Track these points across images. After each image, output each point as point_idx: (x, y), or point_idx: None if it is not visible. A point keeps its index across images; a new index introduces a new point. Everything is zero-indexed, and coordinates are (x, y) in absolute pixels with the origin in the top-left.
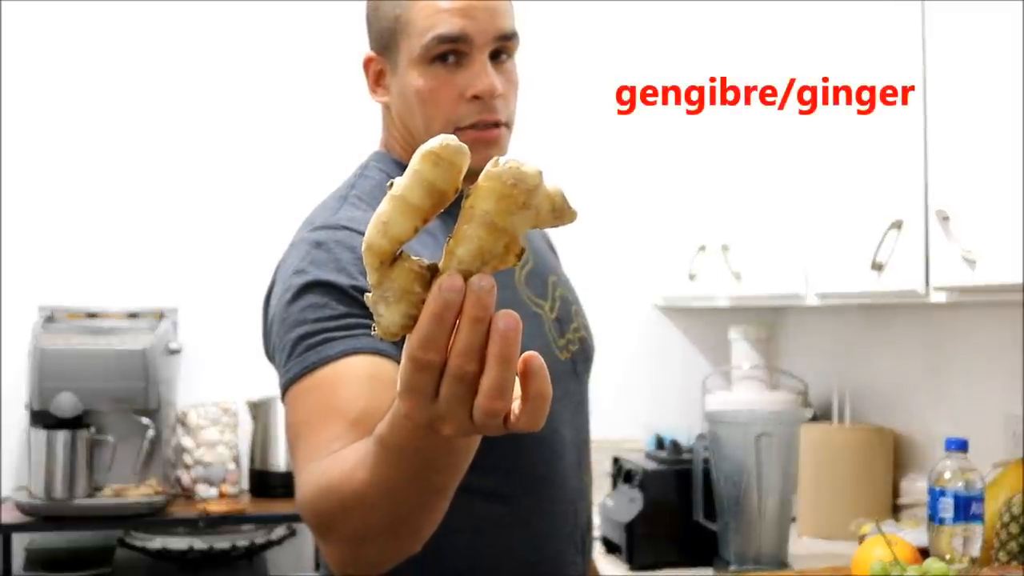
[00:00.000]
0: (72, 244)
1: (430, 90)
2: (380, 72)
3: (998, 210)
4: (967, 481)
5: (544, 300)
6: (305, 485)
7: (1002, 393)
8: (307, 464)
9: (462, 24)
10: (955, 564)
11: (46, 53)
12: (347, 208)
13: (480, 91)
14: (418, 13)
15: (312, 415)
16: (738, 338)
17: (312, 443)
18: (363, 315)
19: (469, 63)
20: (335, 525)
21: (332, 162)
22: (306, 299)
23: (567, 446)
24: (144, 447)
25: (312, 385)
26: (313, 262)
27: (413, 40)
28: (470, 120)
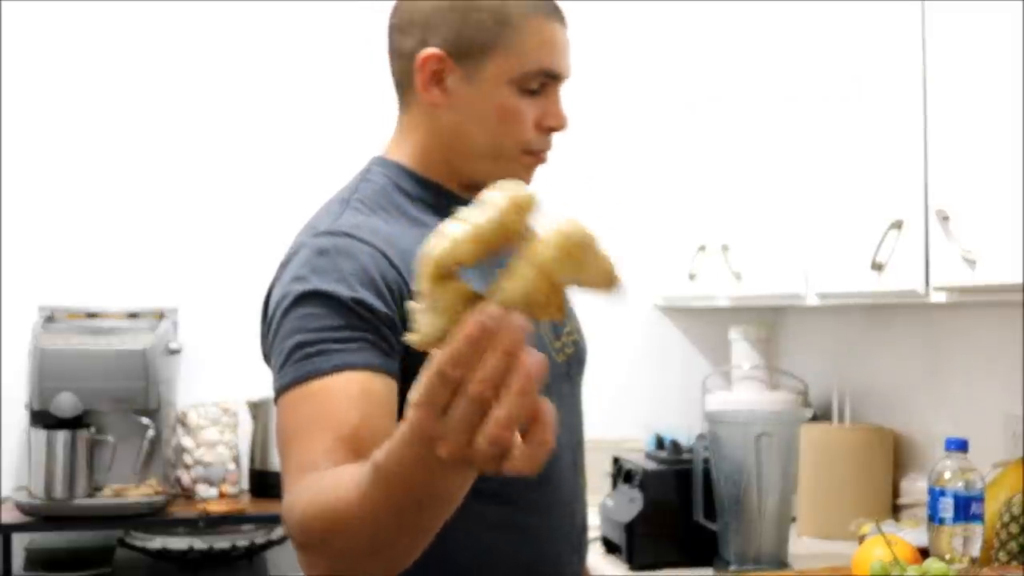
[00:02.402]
0: (72, 244)
1: (515, 111)
2: (442, 73)
3: (998, 210)
4: (967, 481)
5: None
6: (294, 498)
7: (1002, 393)
8: (297, 476)
9: (563, 63)
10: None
11: (46, 53)
12: (349, 213)
13: (558, 125)
14: (526, 38)
15: (303, 426)
16: (738, 338)
17: (302, 456)
18: (361, 328)
19: (547, 95)
20: (321, 543)
21: (331, 163)
22: (305, 307)
23: (563, 448)
24: (144, 447)
25: (305, 395)
26: (315, 270)
27: (513, 60)
28: (538, 147)
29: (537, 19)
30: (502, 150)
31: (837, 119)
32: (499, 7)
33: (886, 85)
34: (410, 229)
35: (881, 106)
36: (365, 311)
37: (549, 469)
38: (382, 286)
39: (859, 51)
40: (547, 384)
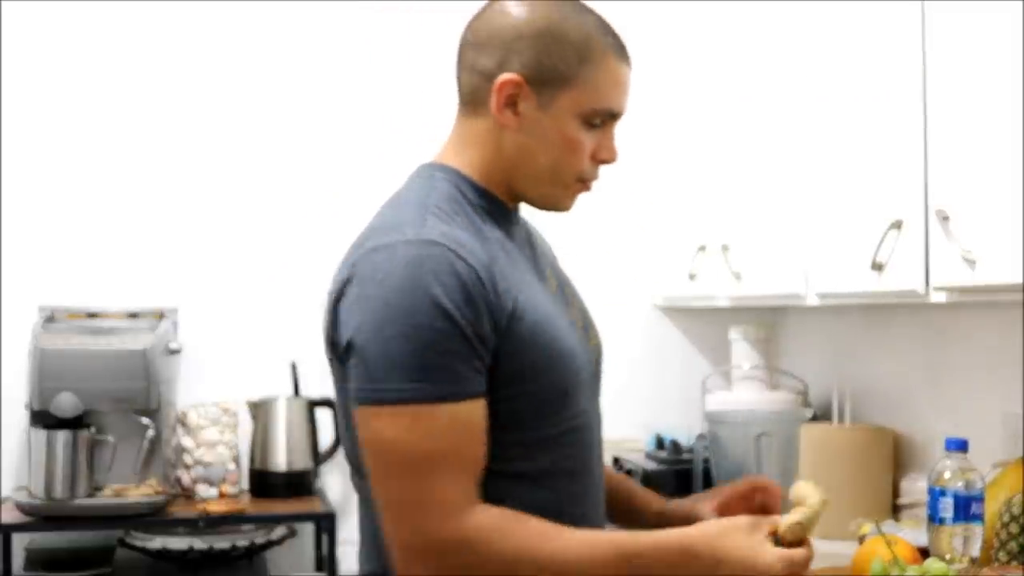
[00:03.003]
0: (72, 244)
1: (577, 143)
2: (516, 97)
3: (998, 210)
4: (967, 481)
5: (571, 309)
6: (486, 529)
7: (1002, 393)
8: (465, 504)
9: (624, 103)
10: (955, 564)
11: (46, 53)
12: (433, 220)
13: (609, 159)
14: (601, 77)
15: (437, 455)
16: (738, 338)
17: (459, 484)
18: (473, 352)
19: (605, 130)
20: (503, 566)
21: (331, 163)
22: (417, 322)
23: (597, 442)
24: (144, 447)
25: (430, 417)
26: (419, 282)
27: (585, 96)
28: (590, 176)
29: (613, 60)
30: (559, 176)
31: (837, 119)
32: (582, 44)
33: (886, 85)
34: (479, 239)
35: (881, 106)
36: (472, 330)
37: (588, 458)
38: (480, 304)
39: (859, 51)
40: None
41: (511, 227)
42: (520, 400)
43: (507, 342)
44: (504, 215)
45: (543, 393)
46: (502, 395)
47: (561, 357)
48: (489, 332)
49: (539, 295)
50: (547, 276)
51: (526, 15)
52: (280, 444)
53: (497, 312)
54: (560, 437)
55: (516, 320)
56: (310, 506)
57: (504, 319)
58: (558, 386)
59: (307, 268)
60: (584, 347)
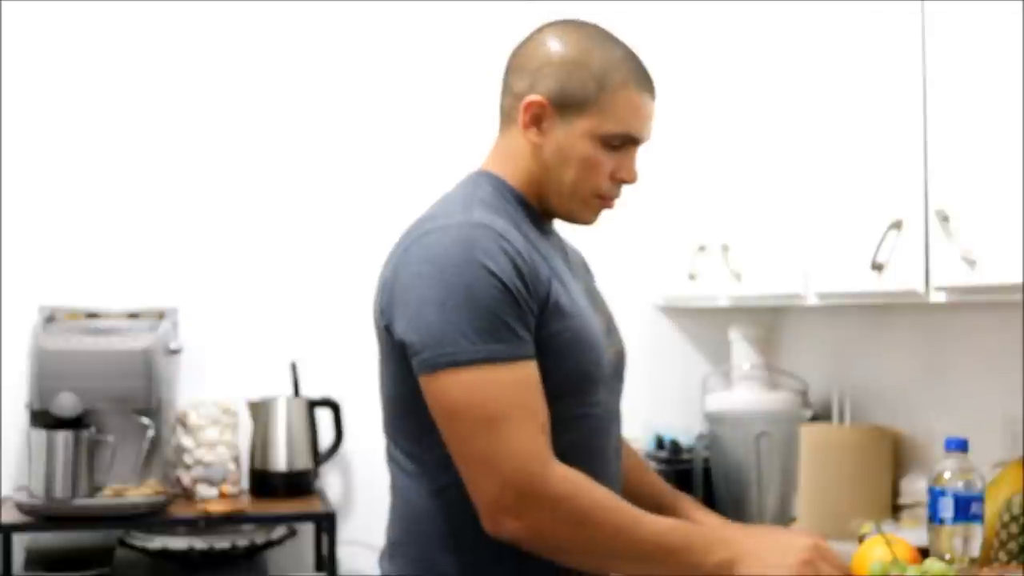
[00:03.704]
0: (72, 244)
1: (594, 163)
2: (542, 117)
3: (998, 210)
4: (967, 481)
5: (596, 314)
6: (567, 481)
7: (1002, 393)
8: (545, 452)
9: (643, 129)
10: (955, 564)
11: (46, 53)
12: (478, 209)
13: (629, 179)
14: (620, 103)
15: (515, 412)
16: (738, 338)
17: (534, 435)
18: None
19: (625, 152)
20: (581, 521)
21: (331, 164)
22: (477, 289)
23: (613, 433)
24: (144, 447)
25: (499, 377)
26: (474, 255)
27: (604, 121)
28: (609, 194)
29: (631, 89)
30: (578, 192)
31: (837, 119)
32: (601, 72)
33: (886, 85)
34: (519, 231)
35: (881, 106)
36: (521, 297)
37: (604, 446)
38: (525, 273)
39: (859, 51)
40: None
41: (546, 234)
42: (550, 375)
43: (543, 320)
44: (539, 223)
45: (567, 372)
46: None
47: (586, 342)
48: (534, 305)
49: (572, 287)
50: (576, 277)
51: (558, 45)
52: (280, 444)
53: (536, 290)
54: (579, 420)
55: (551, 302)
56: (310, 506)
57: (541, 299)
58: (580, 369)
59: (307, 268)
60: (606, 345)
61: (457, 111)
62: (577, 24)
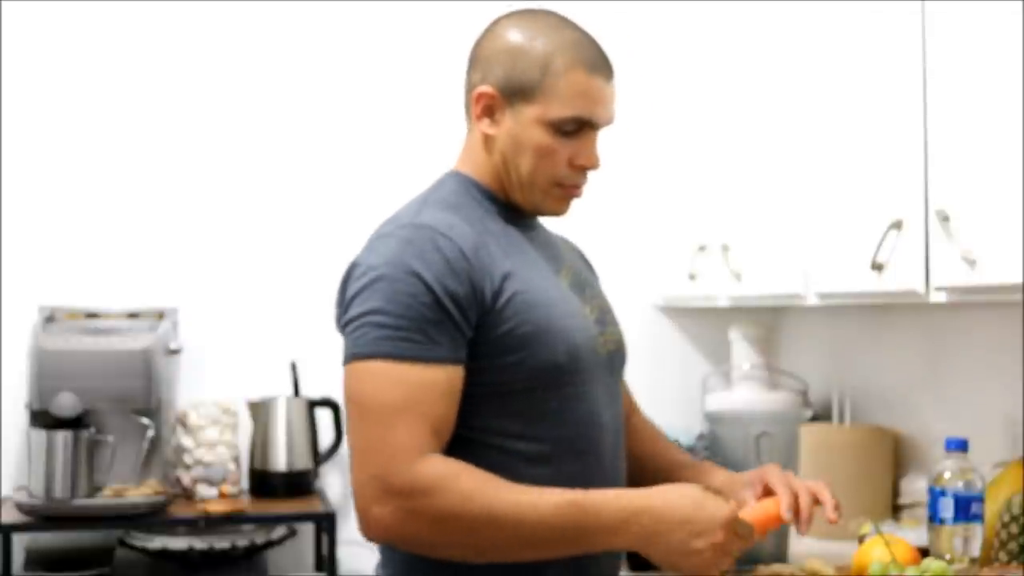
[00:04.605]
0: (72, 244)
1: (549, 150)
2: (492, 107)
3: (998, 210)
4: (967, 481)
5: (584, 305)
6: (435, 475)
7: (1002, 393)
8: (413, 452)
9: (597, 113)
10: (955, 564)
11: (46, 53)
12: (429, 210)
13: (588, 164)
14: (565, 87)
15: (400, 406)
16: (738, 338)
17: (410, 435)
18: (449, 319)
19: (583, 137)
20: (442, 517)
21: (331, 164)
22: (396, 289)
23: (606, 429)
24: (144, 447)
25: (396, 374)
26: (405, 256)
27: (552, 107)
28: (570, 182)
29: (578, 72)
30: (536, 182)
31: (837, 119)
32: (546, 57)
33: (886, 85)
34: (473, 226)
35: (881, 106)
36: (450, 300)
37: (592, 444)
38: (462, 276)
39: (859, 51)
40: (591, 368)
41: (523, 228)
42: (515, 369)
43: (494, 314)
44: (515, 216)
45: (536, 363)
46: (498, 363)
47: (553, 331)
48: (471, 302)
49: (537, 277)
50: (561, 272)
51: (506, 34)
52: (280, 444)
53: (480, 284)
54: (561, 414)
55: (504, 297)
56: (310, 506)
57: (489, 292)
58: (551, 359)
59: (307, 268)
60: (590, 332)
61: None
62: (531, 12)
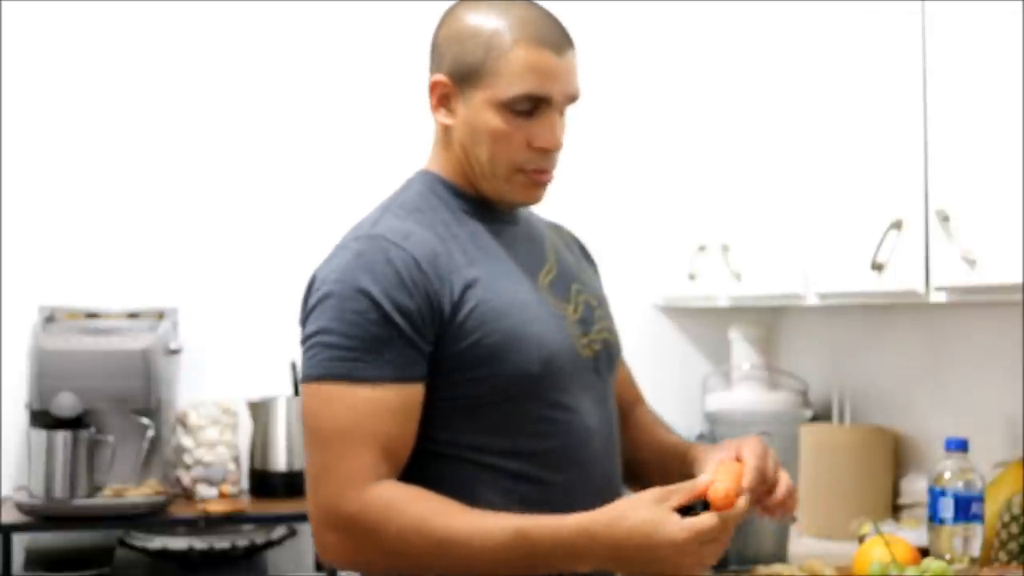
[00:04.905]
0: (72, 244)
1: (504, 133)
2: (447, 96)
3: (998, 210)
4: (967, 481)
5: (567, 304)
6: (376, 505)
7: (1002, 393)
8: (358, 480)
9: (548, 87)
10: (955, 564)
11: (46, 53)
12: (388, 218)
13: (548, 145)
14: (509, 64)
15: (348, 429)
16: (738, 338)
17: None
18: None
19: (541, 116)
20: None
21: (331, 164)
22: (345, 307)
23: (594, 435)
24: (144, 447)
25: (344, 396)
26: (354, 272)
27: (500, 86)
28: (532, 166)
29: (524, 47)
30: (496, 169)
31: (837, 119)
32: (490, 36)
33: (886, 85)
34: (436, 233)
35: (881, 106)
36: (400, 317)
37: (579, 453)
38: (412, 289)
39: (859, 51)
40: (571, 373)
41: (502, 224)
42: (487, 382)
43: (456, 326)
44: (488, 213)
45: (507, 375)
46: (469, 376)
47: (524, 340)
48: (427, 316)
49: (506, 283)
50: (543, 269)
51: (454, 20)
52: (280, 444)
53: (438, 296)
54: (540, 425)
55: (464, 304)
56: None
57: (448, 303)
58: (524, 369)
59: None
60: (568, 335)
61: None
62: None
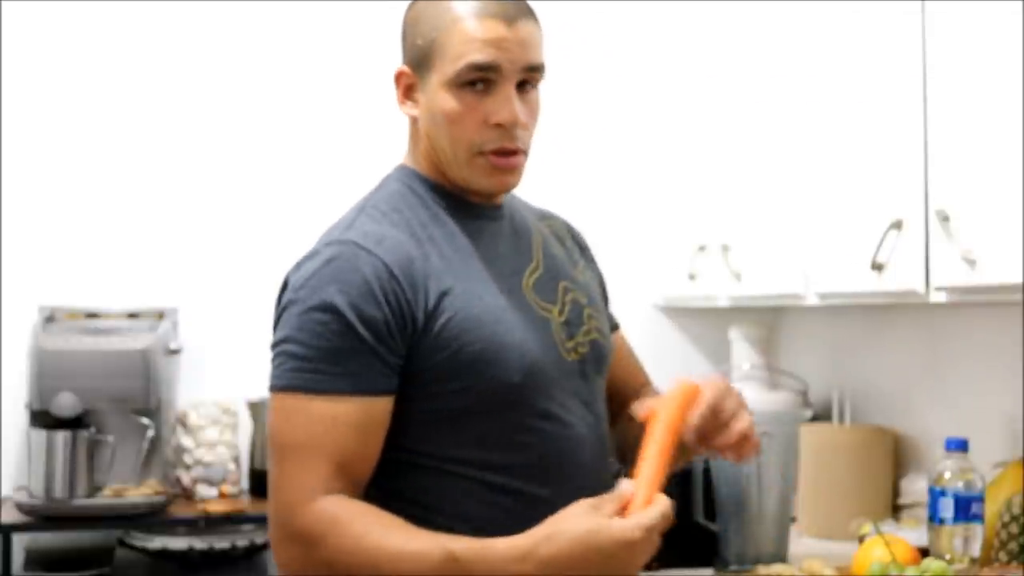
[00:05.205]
0: (72, 244)
1: (457, 113)
2: (411, 86)
3: (998, 210)
4: (967, 481)
5: (553, 305)
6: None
7: (1002, 393)
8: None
9: (495, 55)
10: (955, 564)
11: (46, 53)
12: (362, 220)
13: (503, 120)
14: (454, 38)
15: (304, 443)
16: (738, 338)
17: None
18: (363, 348)
19: (496, 91)
20: (331, 564)
21: (330, 163)
22: (308, 317)
23: (582, 443)
24: (144, 447)
25: (307, 409)
26: (323, 279)
27: (447, 64)
28: (492, 146)
29: (470, 19)
30: (458, 155)
31: (837, 119)
32: (435, 18)
33: (886, 85)
34: (413, 236)
35: (881, 106)
36: (365, 329)
37: (566, 461)
38: (381, 298)
39: (859, 51)
40: (555, 379)
41: (481, 221)
42: (467, 394)
43: (432, 336)
44: (469, 209)
45: (488, 386)
46: (449, 388)
47: (505, 349)
48: (397, 325)
49: (485, 289)
50: (528, 268)
51: (410, 8)
52: None
53: (411, 306)
54: (523, 435)
55: (440, 314)
56: None
57: (422, 313)
58: (504, 379)
59: None
60: (553, 340)
61: None
62: None
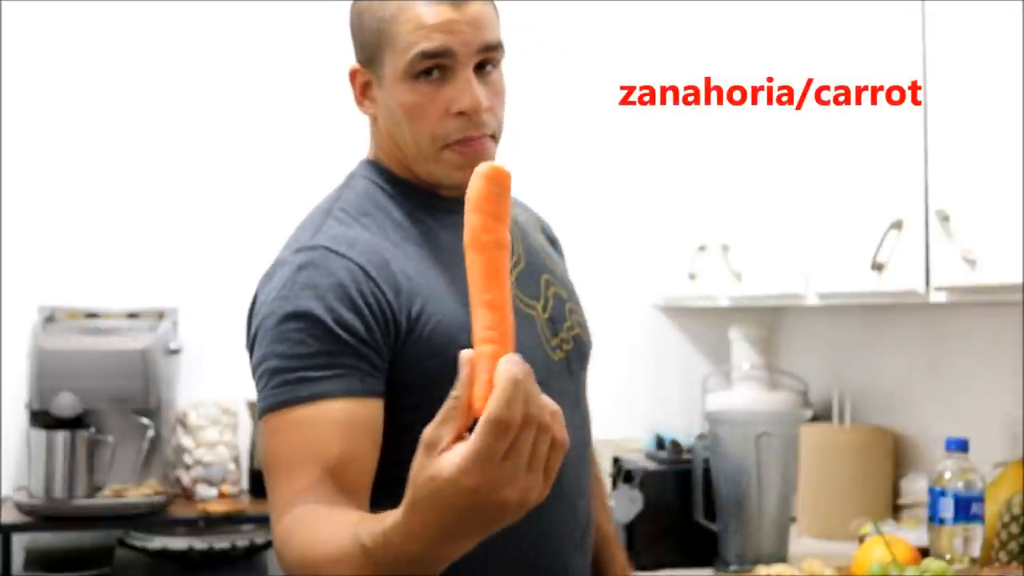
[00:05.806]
0: (72, 244)
1: (416, 106)
2: (366, 84)
3: (998, 210)
4: (967, 481)
5: (536, 300)
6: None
7: (1002, 393)
8: (284, 508)
9: (444, 40)
10: (955, 564)
11: (46, 53)
12: (330, 223)
13: (465, 107)
14: (401, 28)
15: (287, 457)
16: (738, 338)
17: (288, 487)
18: (342, 352)
19: (454, 78)
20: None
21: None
22: (285, 328)
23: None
24: (144, 447)
25: (288, 423)
26: (294, 288)
27: (397, 55)
28: (457, 136)
29: (413, 6)
30: (421, 149)
31: (837, 119)
32: (378, 7)
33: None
34: (386, 238)
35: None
36: (344, 332)
37: None
38: (359, 301)
39: (859, 51)
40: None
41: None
42: None
43: (420, 343)
44: (440, 204)
45: None
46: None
47: None
48: (379, 327)
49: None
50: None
51: (353, 6)
52: None
53: (392, 308)
54: None
55: (425, 320)
56: None
57: (404, 317)
58: None
59: None
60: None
61: None
62: None
